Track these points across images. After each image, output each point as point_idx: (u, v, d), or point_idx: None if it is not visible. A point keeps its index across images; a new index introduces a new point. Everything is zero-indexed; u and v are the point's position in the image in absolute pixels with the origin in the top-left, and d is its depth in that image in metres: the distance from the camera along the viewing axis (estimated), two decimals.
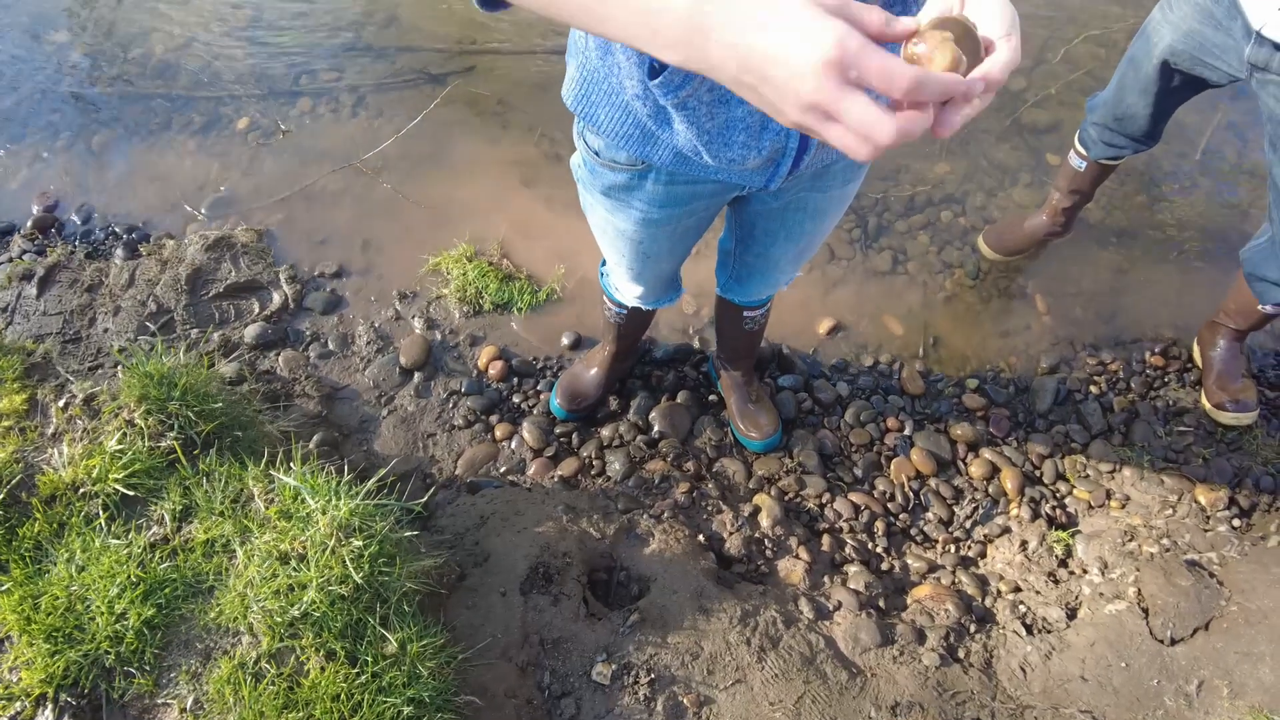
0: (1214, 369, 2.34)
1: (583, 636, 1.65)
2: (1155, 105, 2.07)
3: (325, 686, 1.40)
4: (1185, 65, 1.92)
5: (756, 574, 1.94)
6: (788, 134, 1.06)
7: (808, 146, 1.09)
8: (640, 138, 1.15)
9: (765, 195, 1.33)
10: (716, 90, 0.98)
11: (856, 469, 2.22)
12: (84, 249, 2.72)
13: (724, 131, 1.04)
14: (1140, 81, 2.04)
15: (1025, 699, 1.76)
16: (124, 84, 3.18)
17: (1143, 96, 2.06)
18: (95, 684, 1.44)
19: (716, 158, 1.08)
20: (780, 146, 1.08)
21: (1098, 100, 2.23)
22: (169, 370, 1.76)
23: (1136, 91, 2.07)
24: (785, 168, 1.13)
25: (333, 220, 2.76)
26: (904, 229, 2.76)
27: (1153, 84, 2.02)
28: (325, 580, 1.46)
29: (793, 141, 1.08)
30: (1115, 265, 2.71)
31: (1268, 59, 1.72)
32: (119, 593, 1.48)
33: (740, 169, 1.12)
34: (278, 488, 1.60)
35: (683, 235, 1.42)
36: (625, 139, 1.16)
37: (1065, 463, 2.27)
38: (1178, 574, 1.93)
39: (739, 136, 1.05)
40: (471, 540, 1.84)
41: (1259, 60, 1.74)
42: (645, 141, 1.15)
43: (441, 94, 3.10)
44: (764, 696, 1.59)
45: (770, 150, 1.07)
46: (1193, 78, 1.96)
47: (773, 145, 1.07)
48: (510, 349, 2.45)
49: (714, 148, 1.06)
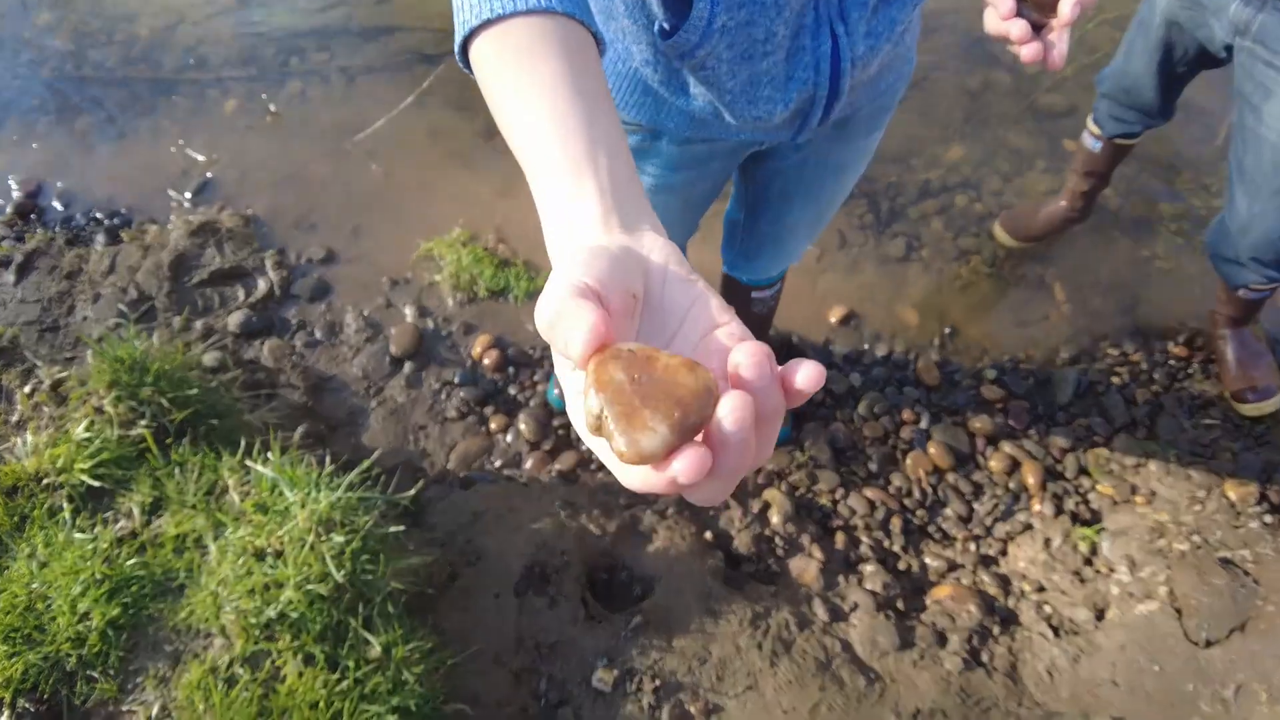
0: (1228, 358, 2.27)
1: (582, 641, 1.54)
2: (1161, 73, 2.01)
3: (303, 693, 1.30)
4: (1188, 26, 1.87)
5: (767, 574, 1.84)
6: (816, 82, 0.97)
7: (838, 92, 0.99)
8: (652, 105, 1.08)
9: (785, 150, 1.24)
10: (737, 46, 0.91)
11: (871, 463, 2.11)
12: (64, 235, 2.63)
13: (748, 88, 0.97)
14: (1147, 47, 1.99)
15: (1053, 705, 1.66)
16: (108, 68, 3.09)
17: (1149, 64, 2.01)
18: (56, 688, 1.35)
19: (740, 117, 1.01)
20: (809, 96, 0.99)
21: (1106, 72, 2.19)
22: (141, 355, 1.66)
23: (1143, 58, 2.02)
24: (815, 118, 1.04)
25: (322, 204, 2.66)
26: (917, 214, 2.66)
27: (1157, 49, 1.97)
28: (304, 578, 1.36)
29: (822, 90, 0.98)
30: (1135, 254, 2.61)
31: (1248, 21, 1.67)
32: (82, 591, 1.39)
33: (766, 125, 1.02)
34: (254, 479, 1.50)
35: (696, 203, 1.33)
36: (635, 108, 1.09)
37: (1088, 457, 2.18)
38: (1212, 572, 1.83)
39: (764, 91, 0.98)
40: (464, 538, 1.73)
41: (1240, 22, 1.69)
42: (658, 109, 1.08)
43: (434, 74, 3.00)
44: (777, 704, 1.48)
45: (798, 101, 1.00)
46: (1197, 46, 1.90)
47: (800, 96, 0.98)
48: (506, 338, 2.35)
49: (738, 106, 0.99)
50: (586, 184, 0.53)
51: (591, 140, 0.55)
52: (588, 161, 0.54)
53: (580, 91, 0.57)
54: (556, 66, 0.58)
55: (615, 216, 0.52)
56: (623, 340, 0.45)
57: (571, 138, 0.55)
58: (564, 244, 0.52)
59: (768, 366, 0.42)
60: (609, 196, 0.53)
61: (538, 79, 0.57)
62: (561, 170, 0.54)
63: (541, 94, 0.57)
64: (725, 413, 0.39)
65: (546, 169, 0.55)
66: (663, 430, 0.39)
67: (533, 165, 0.56)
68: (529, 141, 0.57)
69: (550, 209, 0.54)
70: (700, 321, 0.49)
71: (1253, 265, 1.94)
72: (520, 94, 0.58)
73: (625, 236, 0.51)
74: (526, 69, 0.58)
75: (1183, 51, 1.94)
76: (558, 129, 0.55)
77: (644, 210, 0.55)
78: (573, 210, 0.53)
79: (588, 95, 0.57)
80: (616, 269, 0.47)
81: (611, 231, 0.51)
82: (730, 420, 0.39)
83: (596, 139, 0.55)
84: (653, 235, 0.53)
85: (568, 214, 0.53)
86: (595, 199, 0.52)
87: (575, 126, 0.55)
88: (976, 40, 3.15)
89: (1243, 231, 1.89)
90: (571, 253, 0.48)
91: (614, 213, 0.52)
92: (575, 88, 0.57)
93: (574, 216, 0.53)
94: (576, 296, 0.43)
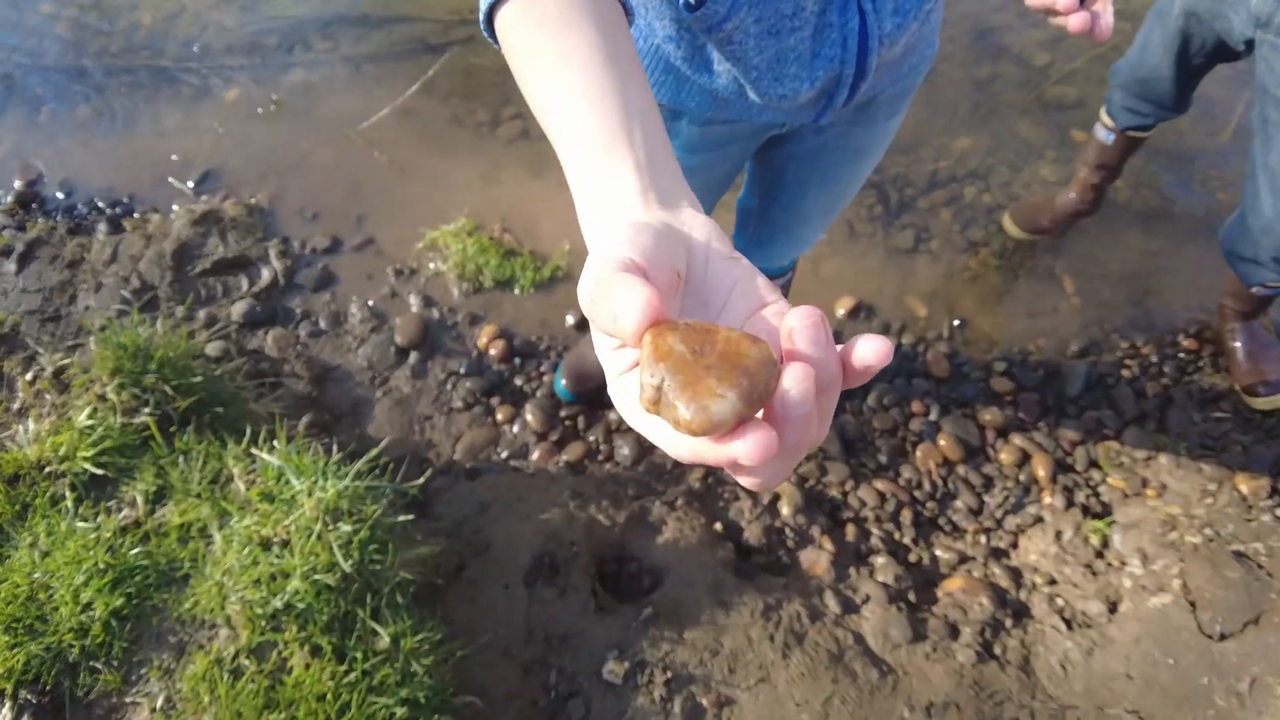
0: (1238, 351, 2.25)
1: (592, 632, 1.52)
2: (1178, 65, 1.97)
3: (310, 685, 1.28)
4: (1206, 17, 1.83)
5: (778, 565, 1.81)
6: (842, 60, 0.95)
7: (865, 71, 0.97)
8: (673, 83, 1.05)
9: (804, 133, 1.21)
10: (765, 20, 0.89)
11: (880, 455, 2.09)
12: (66, 224, 2.60)
13: (774, 65, 0.95)
14: (1164, 38, 1.95)
15: (1067, 699, 1.64)
16: (110, 55, 3.05)
17: (1166, 55, 1.97)
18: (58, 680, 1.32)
19: (765, 95, 0.99)
20: (835, 75, 0.97)
21: (1121, 64, 2.15)
22: (145, 342, 1.63)
23: (1160, 49, 1.98)
24: (840, 99, 1.01)
25: (326, 194, 2.63)
26: (926, 205, 2.63)
27: (1174, 40, 1.93)
28: (310, 568, 1.34)
29: (848, 68, 0.96)
30: (1145, 246, 2.59)
31: (1270, 14, 1.62)
32: (85, 581, 1.36)
33: (790, 105, 1.00)
34: (260, 468, 1.48)
35: (713, 186, 1.30)
36: (656, 87, 1.06)
37: (1098, 449, 2.16)
38: (1226, 565, 1.81)
39: (790, 69, 0.95)
40: (471, 528, 1.71)
41: (1262, 14, 1.64)
42: (679, 87, 1.05)
43: (439, 63, 2.97)
44: (789, 697, 1.46)
45: (824, 81, 0.98)
46: (1215, 38, 1.86)
47: (827, 75, 0.96)
48: (512, 328, 2.33)
49: (763, 84, 0.97)
50: (624, 158, 0.51)
51: (627, 112, 0.53)
52: (623, 133, 0.52)
53: (613, 59, 0.55)
54: (588, 34, 0.55)
55: (653, 193, 0.50)
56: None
57: (607, 109, 0.53)
58: (600, 219, 0.51)
59: (823, 331, 0.40)
60: (646, 172, 0.51)
61: (568, 47, 0.55)
62: (596, 143, 0.52)
63: (572, 63, 0.54)
64: (790, 383, 0.37)
65: (579, 140, 0.53)
66: (732, 397, 0.36)
67: (563, 136, 0.54)
68: (560, 112, 0.54)
69: (583, 182, 0.52)
70: (746, 300, 0.47)
71: (1273, 265, 1.90)
72: (550, 63, 0.55)
73: (665, 213, 0.50)
74: (556, 37, 0.56)
75: (1200, 44, 1.91)
76: (592, 100, 0.53)
77: (681, 186, 0.53)
78: (608, 184, 0.51)
79: (622, 63, 0.55)
80: (661, 245, 0.45)
81: (650, 207, 0.49)
82: (796, 390, 0.37)
83: (631, 110, 0.53)
84: (691, 212, 0.51)
85: (603, 188, 0.51)
86: (633, 173, 0.50)
87: (610, 97, 0.53)
88: (985, 31, 3.12)
89: (1265, 231, 1.84)
90: (612, 228, 0.46)
91: (652, 189, 0.50)
92: (608, 55, 0.55)
93: (610, 191, 0.51)
94: (623, 271, 0.41)
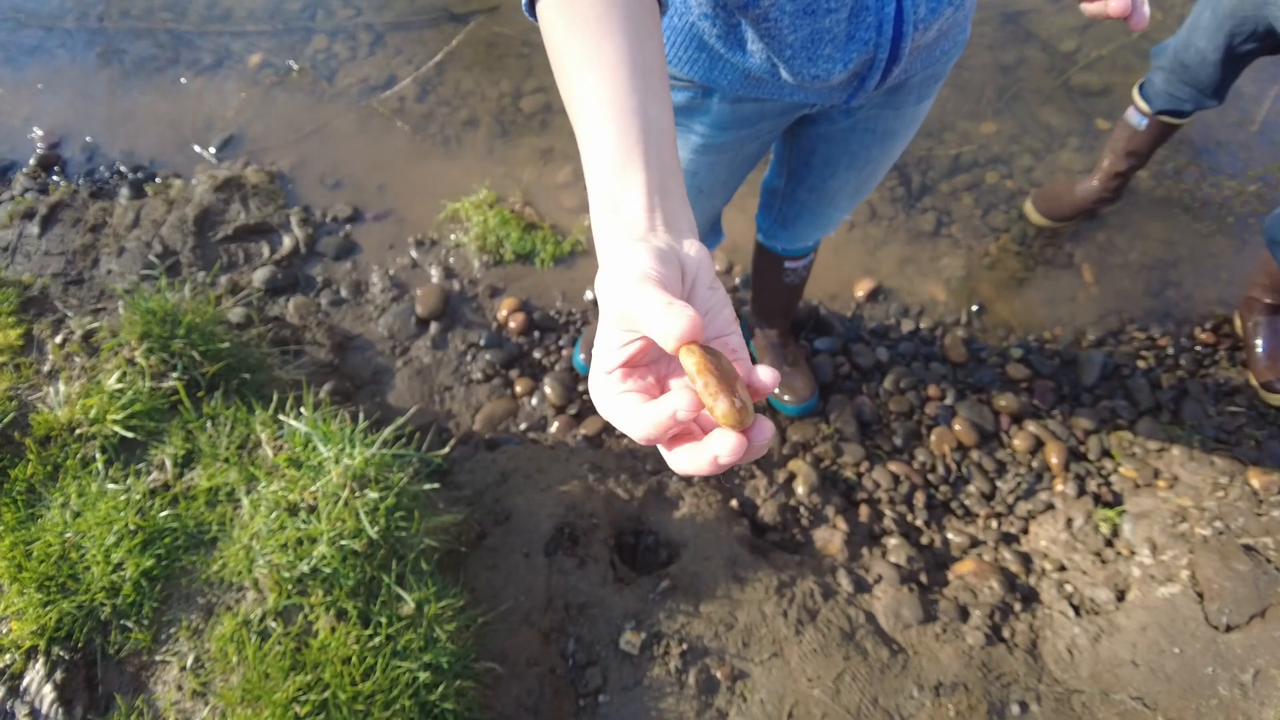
0: (1258, 345, 2.24)
1: (610, 602, 1.54)
2: (1224, 51, 1.96)
3: (335, 648, 1.30)
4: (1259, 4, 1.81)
5: (792, 543, 1.83)
6: (877, 44, 0.95)
7: (898, 55, 0.97)
8: (706, 60, 1.06)
9: (834, 114, 1.22)
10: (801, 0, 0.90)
11: (896, 438, 2.10)
12: (88, 188, 2.61)
13: (809, 46, 0.95)
14: (1215, 21, 1.93)
15: (1073, 683, 1.66)
16: (132, 19, 3.04)
17: (1213, 40, 1.95)
18: (90, 637, 1.35)
19: (798, 74, 0.99)
20: (868, 58, 0.97)
21: (1165, 45, 2.12)
22: (173, 307, 1.65)
23: (1209, 32, 1.96)
24: (873, 81, 1.02)
25: (347, 162, 2.63)
26: (948, 189, 2.63)
27: (1225, 22, 1.91)
28: (337, 534, 1.36)
29: (882, 51, 0.96)
30: (1165, 237, 2.57)
31: None
32: (116, 541, 1.38)
33: (822, 86, 1.00)
34: (287, 434, 1.49)
35: (741, 164, 1.30)
36: (689, 64, 1.07)
37: (1111, 439, 2.16)
38: (1234, 558, 1.82)
39: (824, 50, 0.96)
40: (492, 498, 1.73)
41: None
42: (712, 65, 1.06)
43: (463, 33, 2.95)
44: (801, 672, 1.49)
45: (857, 63, 0.98)
46: (1266, 25, 1.85)
47: (860, 57, 0.97)
48: (532, 301, 2.34)
49: (796, 63, 0.98)
50: (637, 173, 0.58)
51: (645, 129, 0.59)
52: (639, 151, 0.58)
53: (640, 69, 0.61)
54: (619, 42, 0.61)
55: (660, 213, 0.57)
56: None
57: (628, 127, 0.59)
58: (610, 222, 0.57)
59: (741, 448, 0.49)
60: (656, 193, 0.57)
61: (598, 52, 0.61)
62: (615, 156, 0.58)
63: (601, 71, 0.60)
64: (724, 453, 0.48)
65: (600, 148, 0.59)
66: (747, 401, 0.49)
67: (585, 138, 0.60)
68: (585, 116, 0.60)
69: (599, 187, 0.58)
70: (716, 325, 0.56)
71: None
72: (580, 66, 0.61)
73: (670, 237, 0.56)
74: (592, 44, 0.61)
75: (1251, 29, 1.89)
76: (615, 116, 0.59)
77: (684, 207, 0.59)
78: (621, 195, 0.57)
79: (648, 75, 0.61)
80: (671, 270, 0.53)
81: (655, 229, 0.56)
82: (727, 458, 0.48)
83: (650, 129, 0.59)
84: (690, 240, 0.57)
85: (616, 197, 0.57)
86: (643, 192, 0.57)
87: (631, 115, 0.59)
88: (1011, 15, 3.09)
89: None
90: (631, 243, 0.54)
91: (659, 210, 0.57)
92: (635, 66, 0.61)
93: (622, 201, 0.57)
94: (659, 286, 0.50)
